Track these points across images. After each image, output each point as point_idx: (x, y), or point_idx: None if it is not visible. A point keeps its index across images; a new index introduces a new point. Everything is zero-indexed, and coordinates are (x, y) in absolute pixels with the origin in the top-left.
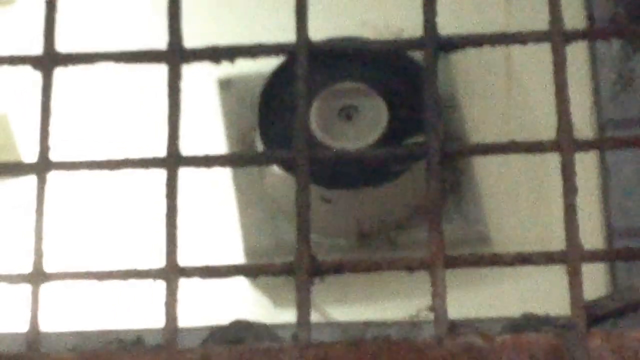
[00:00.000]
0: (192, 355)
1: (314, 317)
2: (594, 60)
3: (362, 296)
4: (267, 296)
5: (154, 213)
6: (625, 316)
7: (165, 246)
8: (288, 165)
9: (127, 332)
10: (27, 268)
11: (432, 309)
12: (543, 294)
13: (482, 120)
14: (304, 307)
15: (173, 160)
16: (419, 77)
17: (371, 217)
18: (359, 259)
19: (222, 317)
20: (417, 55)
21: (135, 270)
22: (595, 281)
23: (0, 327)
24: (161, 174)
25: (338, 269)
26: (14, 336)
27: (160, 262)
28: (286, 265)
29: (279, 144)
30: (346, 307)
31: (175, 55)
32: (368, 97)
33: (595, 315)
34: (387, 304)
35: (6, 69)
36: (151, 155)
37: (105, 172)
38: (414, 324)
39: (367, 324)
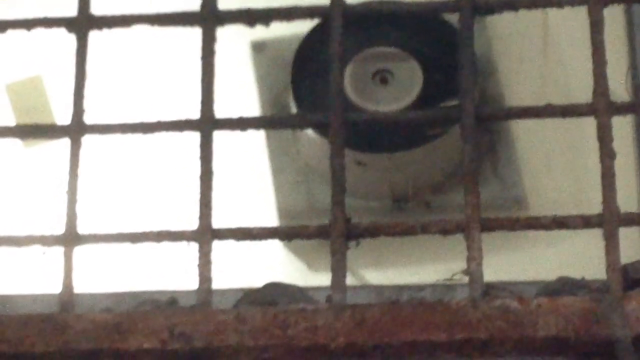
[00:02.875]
0: (225, 315)
1: (349, 280)
2: (630, 23)
3: (397, 260)
4: (301, 259)
5: (188, 176)
6: None
7: (199, 208)
8: (322, 129)
9: (161, 293)
10: (61, 230)
11: (467, 272)
12: (579, 257)
13: (518, 83)
14: (339, 270)
15: (207, 123)
16: (454, 40)
17: (405, 181)
18: (393, 222)
19: (256, 280)
20: (452, 18)
21: (168, 232)
22: (631, 245)
23: (34, 288)
24: (195, 137)
25: (373, 232)
26: (47, 297)
27: (193, 224)
28: (321, 228)
29: (312, 106)
30: (381, 271)
31: (210, 18)
32: (403, 61)
33: (631, 279)
34: (422, 267)
35: (41, 31)
36: (185, 118)
37: (140, 135)
38: (448, 287)
39: (402, 287)
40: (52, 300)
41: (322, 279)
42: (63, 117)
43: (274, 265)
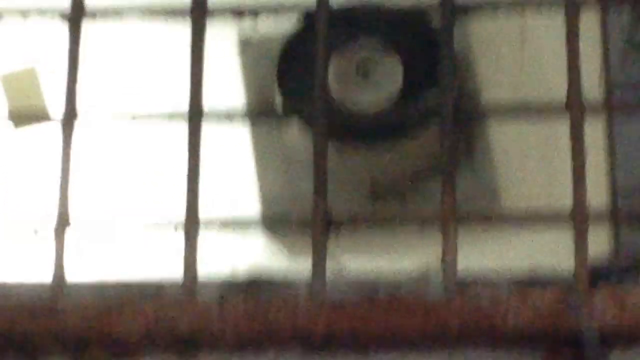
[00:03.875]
0: (210, 306)
1: (329, 265)
2: (604, 23)
3: (376, 246)
4: (283, 244)
5: (173, 165)
6: (628, 275)
7: (186, 199)
8: (306, 121)
9: (147, 283)
10: (54, 217)
11: (442, 264)
12: (551, 245)
13: (496, 78)
14: (319, 261)
15: (195, 115)
16: (435, 35)
17: (385, 172)
18: (372, 213)
19: (238, 263)
20: (434, 14)
21: (155, 222)
22: (600, 239)
23: (25, 276)
24: (184, 128)
25: (352, 222)
26: (38, 286)
27: (180, 214)
28: (302, 220)
29: (297, 96)
30: (360, 257)
31: (199, 12)
32: (384, 55)
33: (598, 274)
34: (400, 254)
35: (35, 22)
36: (174, 109)
37: (130, 125)
38: (425, 276)
39: (380, 274)
40: (42, 289)
41: (304, 263)
42: (56, 108)
43: (256, 249)
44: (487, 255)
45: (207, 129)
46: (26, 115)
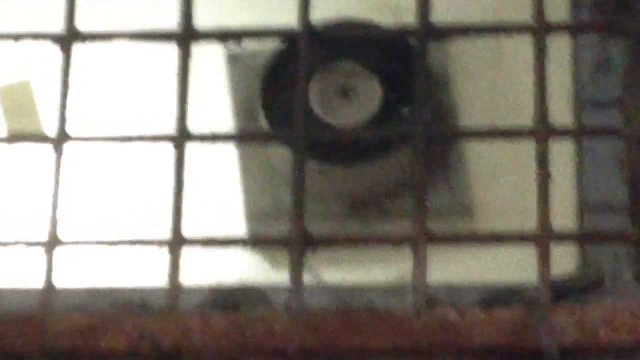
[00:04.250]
0: (191, 319)
1: (307, 277)
2: (574, 43)
3: (352, 259)
4: (264, 257)
5: (159, 183)
6: (589, 293)
7: (171, 217)
8: (288, 140)
9: (133, 292)
10: (43, 233)
11: (413, 282)
12: (519, 256)
13: (472, 97)
14: (297, 279)
15: (181, 136)
16: (412, 57)
17: (363, 188)
18: (348, 234)
19: (220, 275)
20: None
21: (141, 239)
22: (565, 257)
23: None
24: (170, 149)
25: (329, 243)
26: (28, 292)
27: (166, 230)
28: (282, 238)
29: (280, 117)
30: (336, 269)
31: (186, 36)
32: (363, 76)
33: (561, 291)
34: (374, 266)
35: (29, 42)
36: (161, 131)
37: (118, 146)
38: (397, 288)
39: (355, 287)
40: (31, 295)
41: (285, 275)
42: (50, 121)
43: (238, 261)
44: (457, 265)
45: (195, 147)
46: (21, 130)
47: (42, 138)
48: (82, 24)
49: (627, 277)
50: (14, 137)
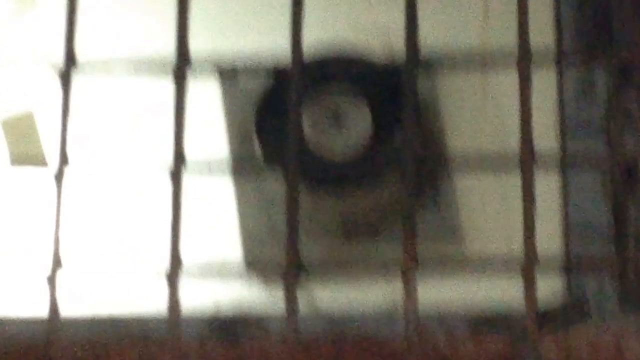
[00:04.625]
0: (192, 348)
1: (301, 304)
2: (558, 68)
3: (346, 284)
4: (261, 286)
5: (158, 211)
6: (574, 319)
7: (170, 247)
8: (283, 168)
9: (133, 323)
10: (46, 259)
11: (404, 309)
12: (508, 281)
13: (459, 120)
14: (291, 308)
15: (178, 167)
16: (401, 82)
17: (355, 213)
18: (341, 262)
19: (221, 301)
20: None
21: (141, 269)
22: (550, 283)
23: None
24: (167, 178)
25: (323, 272)
26: (32, 321)
27: (165, 259)
28: (276, 269)
29: (274, 141)
30: (330, 294)
31: (182, 68)
32: (354, 105)
33: (548, 318)
34: (368, 292)
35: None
36: (158, 162)
37: (118, 175)
38: (390, 314)
39: (348, 312)
40: (35, 323)
41: (280, 299)
42: (52, 152)
43: (235, 287)
44: (446, 289)
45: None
46: (25, 159)
47: (43, 164)
48: (81, 55)
49: (612, 303)
50: (16, 160)
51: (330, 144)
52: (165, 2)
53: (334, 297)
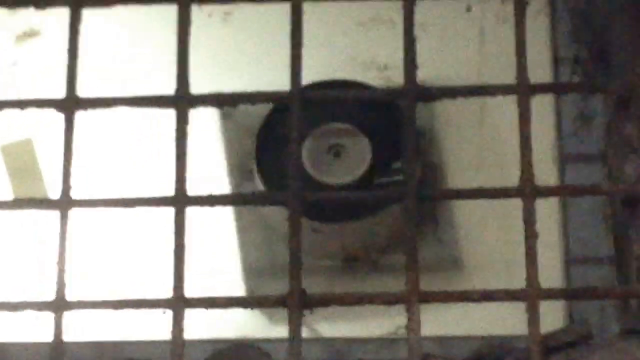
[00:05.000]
0: None
1: (303, 333)
2: (557, 97)
3: (347, 313)
4: (263, 313)
5: (161, 245)
6: (577, 347)
7: (173, 279)
8: (284, 205)
9: (137, 347)
10: (51, 294)
11: (407, 340)
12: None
13: (457, 152)
14: (295, 337)
15: (181, 200)
16: (401, 113)
17: (356, 244)
18: (344, 293)
19: (221, 330)
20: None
21: (145, 300)
22: (554, 311)
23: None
24: (170, 212)
25: (326, 302)
26: (39, 346)
27: (168, 291)
28: (280, 299)
29: (274, 174)
30: (332, 324)
31: (183, 101)
32: (353, 136)
33: (551, 346)
34: (369, 320)
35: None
36: (161, 194)
37: (120, 210)
38: (392, 341)
39: (351, 340)
40: (40, 349)
41: (282, 329)
42: (51, 177)
43: (237, 316)
44: (449, 317)
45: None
46: (24, 185)
47: (47, 204)
48: (83, 91)
49: (614, 330)
50: (20, 203)
51: (330, 174)
52: (165, 39)
53: (335, 326)
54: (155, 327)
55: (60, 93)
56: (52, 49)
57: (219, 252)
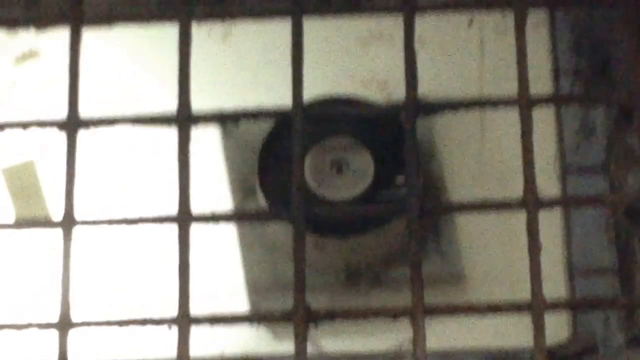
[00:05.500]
0: None
1: (309, 348)
2: (558, 110)
3: (351, 328)
4: (268, 329)
5: (165, 261)
6: (583, 359)
7: (178, 296)
8: (288, 220)
9: None
10: (55, 314)
11: (413, 355)
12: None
13: (457, 164)
14: (300, 352)
15: (184, 218)
16: (401, 126)
17: (359, 259)
18: (349, 307)
19: (225, 346)
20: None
21: (151, 318)
22: (558, 322)
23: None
24: (174, 229)
25: (331, 317)
26: None
27: (173, 309)
28: (285, 314)
29: (277, 190)
30: (337, 339)
31: (184, 119)
32: (356, 151)
33: (556, 358)
34: (373, 335)
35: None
36: (164, 212)
37: (124, 228)
38: (396, 356)
39: (356, 356)
40: None
41: (286, 346)
42: (54, 199)
43: (240, 332)
44: (453, 330)
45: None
46: (26, 208)
47: (50, 223)
48: (84, 111)
49: (619, 342)
50: (23, 224)
51: (332, 189)
52: (166, 57)
53: (339, 341)
54: (160, 346)
55: (60, 114)
56: (51, 70)
57: (221, 270)
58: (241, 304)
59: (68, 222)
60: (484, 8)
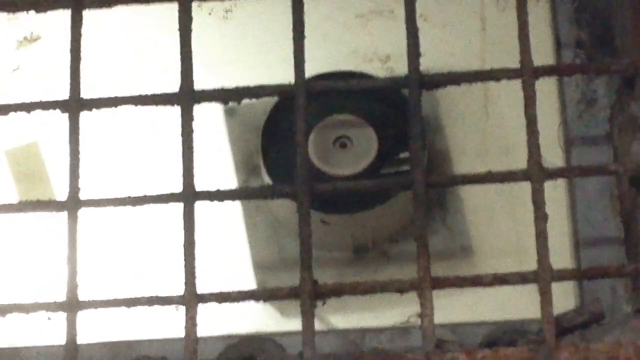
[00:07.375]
0: None
1: (316, 325)
2: (560, 81)
3: (359, 304)
4: (275, 307)
5: (172, 240)
6: (590, 327)
7: (184, 275)
8: (292, 197)
9: (152, 345)
10: (62, 294)
11: (420, 326)
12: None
13: (462, 138)
14: (308, 328)
15: (189, 195)
16: (406, 106)
17: (365, 234)
18: (355, 282)
19: (233, 324)
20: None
21: (158, 297)
22: (565, 293)
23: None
24: (179, 208)
25: (338, 292)
26: (52, 349)
27: (180, 288)
28: (292, 290)
29: (281, 169)
30: (345, 315)
31: (187, 98)
32: (359, 127)
33: (563, 328)
34: (381, 310)
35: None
36: (168, 191)
37: (129, 208)
38: (404, 330)
39: (364, 330)
40: (56, 352)
41: (294, 323)
42: (58, 180)
43: (249, 311)
44: (460, 303)
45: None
46: (30, 189)
47: (55, 205)
48: (86, 92)
49: (626, 310)
50: (28, 205)
51: (336, 166)
52: (167, 38)
53: (347, 316)
54: (168, 325)
55: (62, 96)
56: (53, 53)
57: (228, 249)
58: (248, 282)
59: (73, 203)
60: None
